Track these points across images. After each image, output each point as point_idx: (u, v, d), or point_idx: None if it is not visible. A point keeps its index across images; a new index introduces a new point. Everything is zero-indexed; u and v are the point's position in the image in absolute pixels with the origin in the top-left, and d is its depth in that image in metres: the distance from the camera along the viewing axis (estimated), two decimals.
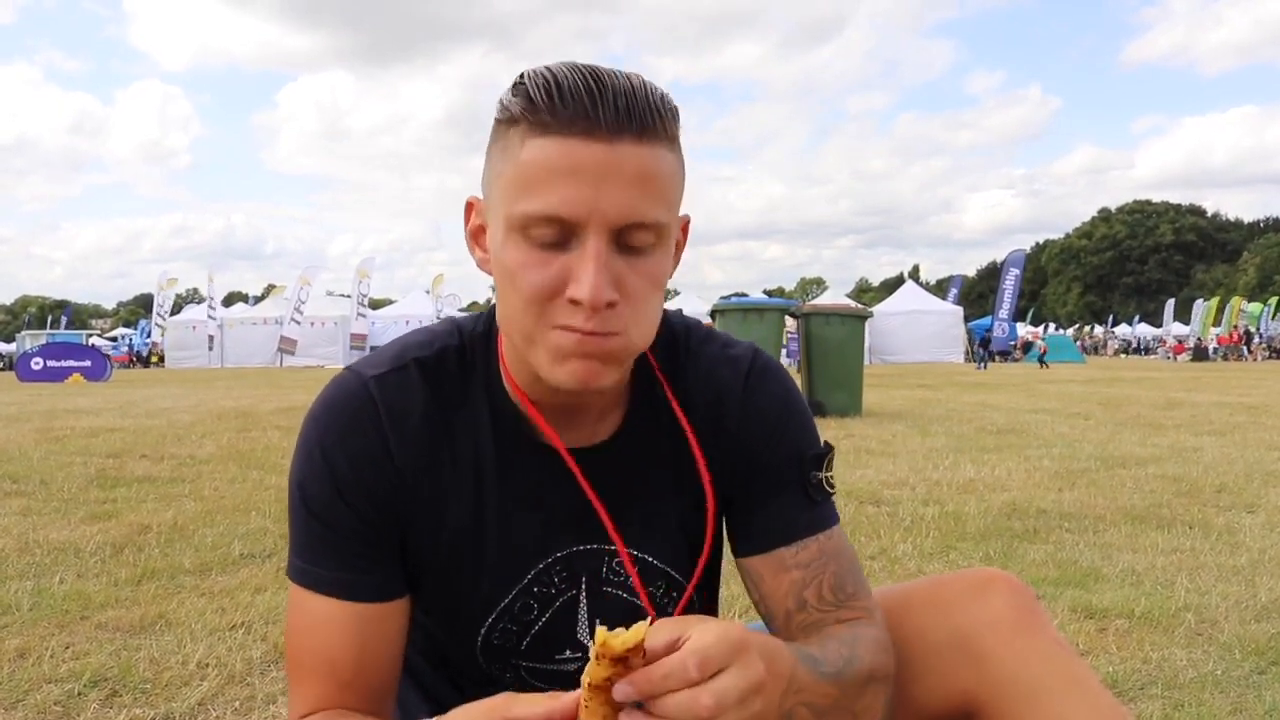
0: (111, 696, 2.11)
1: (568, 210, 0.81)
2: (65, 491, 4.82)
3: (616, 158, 0.81)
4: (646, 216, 0.82)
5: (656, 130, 0.83)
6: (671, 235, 0.88)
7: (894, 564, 3.29)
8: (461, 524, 0.98)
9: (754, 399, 1.03)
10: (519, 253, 0.83)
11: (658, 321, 0.91)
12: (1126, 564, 3.27)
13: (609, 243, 0.82)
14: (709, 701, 0.69)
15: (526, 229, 0.83)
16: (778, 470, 1.01)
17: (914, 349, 32.14)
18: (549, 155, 0.81)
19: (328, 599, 0.93)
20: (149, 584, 3.03)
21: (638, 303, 0.85)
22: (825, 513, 1.02)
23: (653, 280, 0.86)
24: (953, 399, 12.05)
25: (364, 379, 0.96)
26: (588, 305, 0.81)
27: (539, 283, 0.83)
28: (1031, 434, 7.59)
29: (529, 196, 0.82)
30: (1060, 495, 4.67)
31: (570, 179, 0.80)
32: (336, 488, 0.93)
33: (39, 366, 21.20)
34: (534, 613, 1.01)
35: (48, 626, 2.58)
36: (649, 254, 0.85)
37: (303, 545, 0.95)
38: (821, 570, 0.99)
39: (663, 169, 0.84)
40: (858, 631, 0.96)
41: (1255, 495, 4.67)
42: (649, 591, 1.04)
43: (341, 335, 33.78)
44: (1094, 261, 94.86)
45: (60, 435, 7.61)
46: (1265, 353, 39.85)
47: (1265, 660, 2.30)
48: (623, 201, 0.81)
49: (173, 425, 8.52)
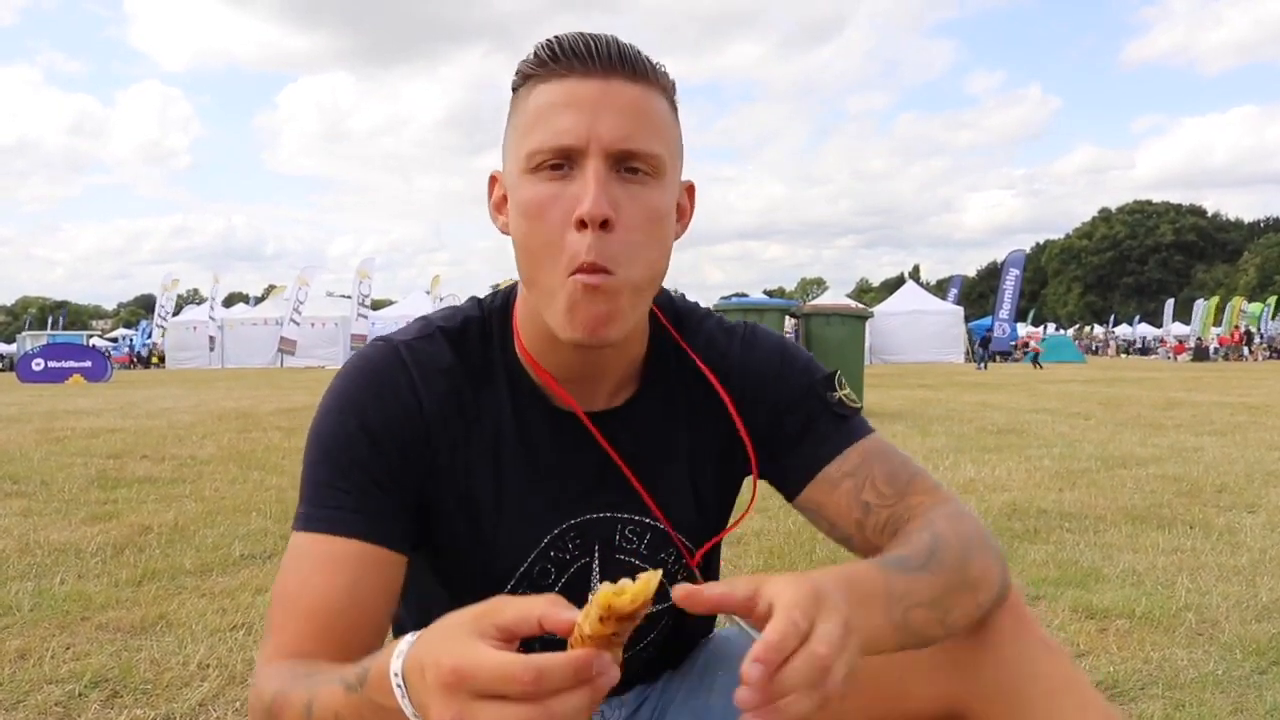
0: (112, 697, 2.11)
1: (568, 138, 0.87)
2: (66, 492, 4.82)
3: (610, 90, 0.89)
4: (639, 144, 0.88)
5: (648, 75, 0.91)
6: (669, 175, 0.93)
7: None
8: (482, 486, 1.00)
9: (753, 354, 1.09)
10: (532, 189, 0.90)
11: (661, 260, 0.94)
12: (1127, 564, 3.27)
13: (608, 167, 0.88)
14: (825, 651, 0.66)
15: (536, 164, 0.89)
16: (797, 404, 1.06)
17: (914, 349, 32.12)
18: (550, 95, 0.89)
19: (332, 538, 0.92)
20: (150, 585, 3.03)
21: (634, 232, 0.89)
22: (856, 425, 1.06)
23: (650, 212, 0.90)
24: (953, 399, 12.05)
25: (394, 344, 1.00)
26: (589, 219, 0.86)
27: (553, 213, 0.88)
28: (1032, 434, 7.59)
29: (535, 134, 0.89)
30: (1061, 495, 4.67)
31: (569, 110, 0.88)
32: (366, 434, 0.94)
33: (39, 367, 21.21)
34: (551, 578, 1.03)
35: (48, 627, 2.58)
36: (647, 185, 0.90)
37: (317, 493, 0.94)
38: (870, 470, 1.03)
39: (656, 108, 0.91)
40: (931, 515, 0.97)
41: (1256, 495, 4.67)
42: (660, 558, 1.07)
43: (342, 336, 33.77)
44: (1094, 261, 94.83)
45: (61, 436, 7.61)
46: (1266, 353, 39.86)
47: (1266, 660, 2.30)
48: (618, 127, 0.88)
49: (173, 426, 8.52)
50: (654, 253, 0.92)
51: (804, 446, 1.05)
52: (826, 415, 1.05)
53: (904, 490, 1.02)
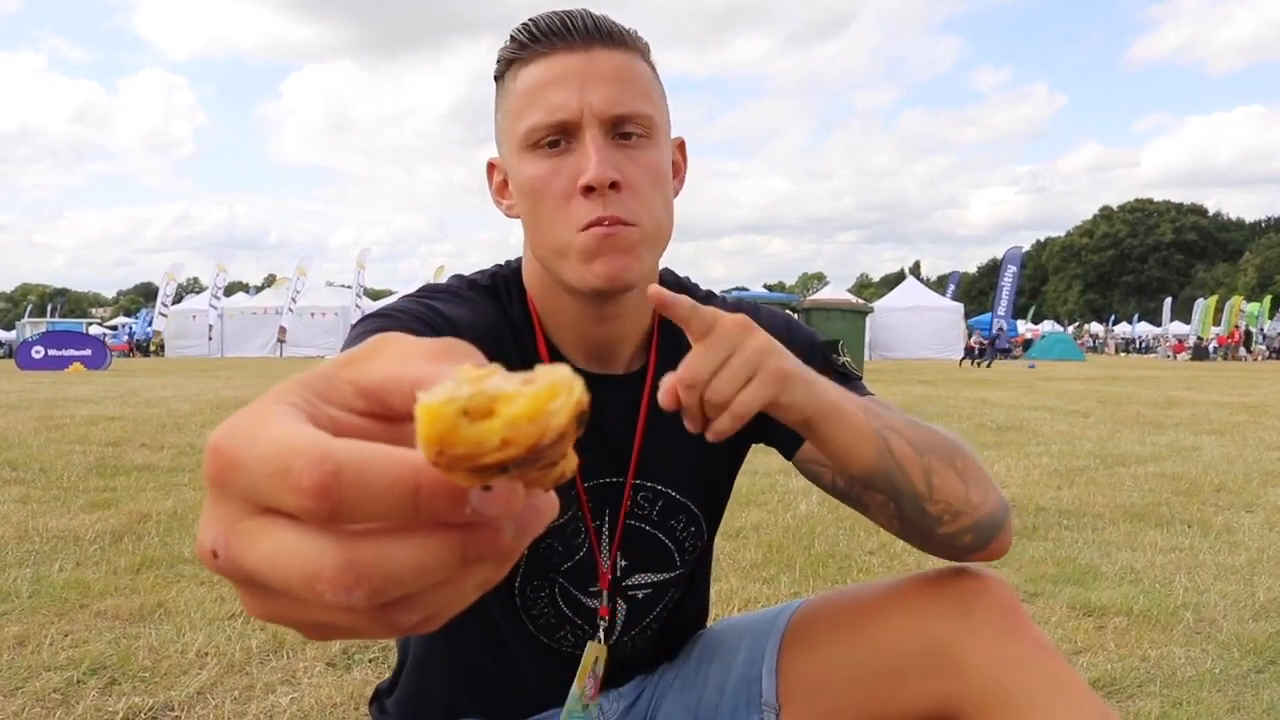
0: (110, 685, 2.11)
1: (562, 113, 0.90)
2: (65, 479, 4.82)
3: (593, 61, 0.91)
4: (631, 108, 0.91)
5: (626, 41, 0.94)
6: (661, 133, 0.96)
7: (893, 559, 3.29)
8: None
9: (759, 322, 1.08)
10: (533, 166, 0.92)
11: (667, 215, 0.97)
12: (1125, 562, 3.27)
13: (605, 133, 0.91)
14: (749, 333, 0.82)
15: (534, 144, 0.92)
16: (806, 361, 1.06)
17: (914, 345, 32.06)
18: (537, 75, 0.92)
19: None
20: (148, 572, 3.03)
21: (640, 190, 0.92)
22: (858, 386, 1.09)
23: (651, 171, 0.93)
24: (953, 395, 12.05)
25: (422, 301, 0.98)
26: (596, 184, 0.88)
27: (557, 186, 0.91)
28: (1031, 431, 7.59)
29: (528, 113, 0.91)
30: (1059, 493, 4.67)
31: (558, 86, 0.90)
32: (439, 314, 0.93)
33: (39, 355, 21.17)
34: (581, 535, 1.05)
35: (47, 614, 2.58)
36: (644, 146, 0.93)
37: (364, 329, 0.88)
38: None
39: (640, 71, 0.94)
40: None
41: (1254, 494, 4.68)
42: (670, 525, 1.08)
43: (342, 325, 33.75)
44: (1095, 260, 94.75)
45: (60, 423, 7.60)
46: (1265, 353, 39.86)
47: (1263, 659, 2.31)
48: (607, 94, 0.90)
49: (172, 414, 8.52)
50: (660, 207, 0.95)
51: None
52: (831, 374, 1.06)
53: None
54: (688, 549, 1.12)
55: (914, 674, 0.99)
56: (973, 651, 0.96)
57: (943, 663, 0.97)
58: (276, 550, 0.31)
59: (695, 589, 1.22)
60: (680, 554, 1.12)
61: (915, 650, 0.99)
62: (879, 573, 3.15)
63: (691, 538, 1.11)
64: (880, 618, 1.03)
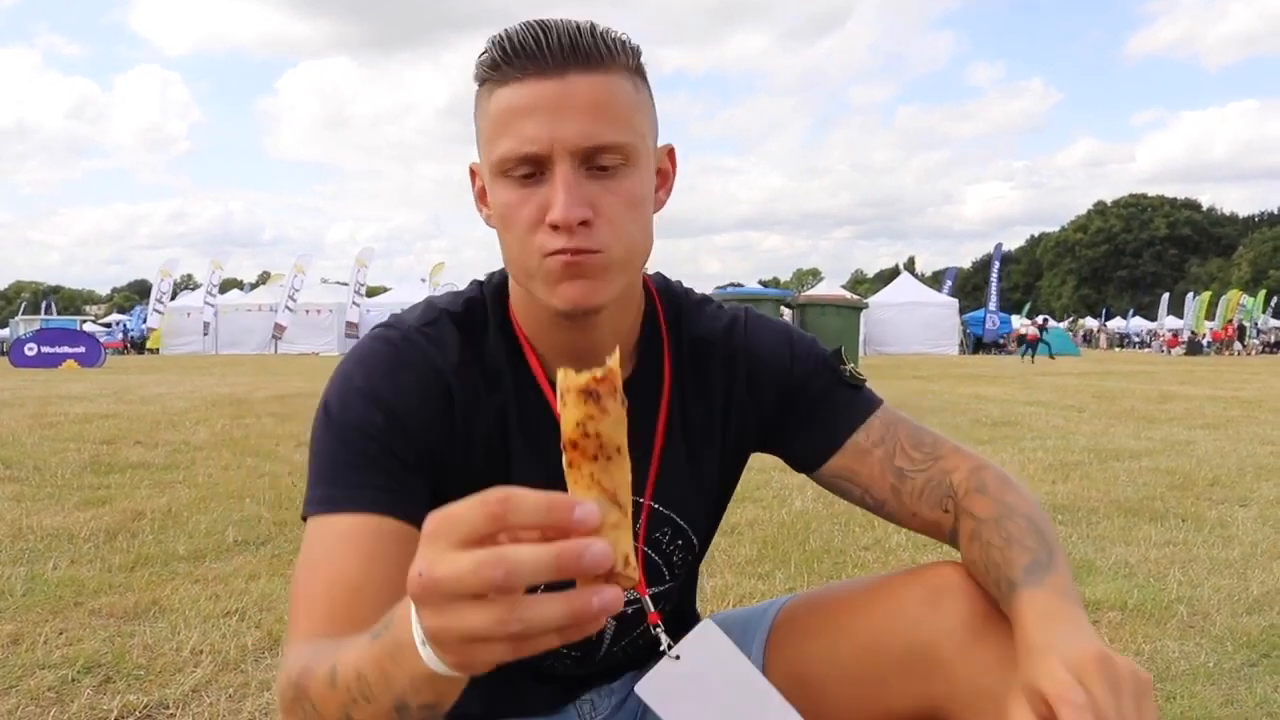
0: (105, 683, 2.10)
1: (532, 145, 0.87)
2: (59, 477, 4.81)
3: (568, 89, 0.88)
4: (605, 139, 0.88)
5: (604, 60, 0.89)
6: (642, 156, 0.93)
7: (888, 555, 3.30)
8: (487, 469, 1.00)
9: (758, 336, 1.11)
10: (505, 193, 0.91)
11: (644, 239, 0.95)
12: (1119, 556, 3.28)
13: (576, 167, 0.88)
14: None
15: (505, 171, 0.90)
16: (813, 379, 1.09)
17: (909, 341, 32.08)
18: (509, 100, 0.89)
19: (348, 515, 0.90)
20: (143, 570, 3.02)
21: (614, 219, 0.90)
22: (869, 395, 1.10)
23: (627, 199, 0.91)
24: (948, 391, 12.06)
25: (402, 330, 1.01)
26: (561, 225, 0.87)
27: (524, 216, 0.90)
28: (1026, 426, 7.61)
29: (500, 141, 0.89)
30: (1054, 487, 4.68)
31: (530, 116, 0.88)
32: (385, 413, 0.95)
33: (33, 352, 21.11)
34: None
35: (41, 612, 2.58)
36: (620, 175, 0.90)
37: (328, 473, 0.93)
38: (896, 435, 1.07)
39: (617, 94, 0.90)
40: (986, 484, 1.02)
41: (1248, 489, 4.69)
42: (654, 537, 1.07)
43: (337, 323, 33.69)
44: (1089, 255, 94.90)
45: (54, 421, 7.58)
46: (1259, 347, 39.94)
47: (1257, 653, 2.31)
48: (580, 127, 0.87)
49: (167, 411, 8.50)
50: (636, 232, 0.93)
51: (824, 417, 1.08)
52: (842, 386, 1.09)
53: (933, 453, 1.06)
54: (676, 563, 1.11)
55: (897, 672, 0.99)
56: (950, 655, 0.96)
57: (923, 662, 0.97)
58: (476, 617, 0.53)
59: (685, 594, 1.22)
60: (669, 568, 1.11)
61: (897, 649, 0.99)
62: (873, 568, 3.16)
63: (679, 551, 1.10)
64: (863, 616, 1.03)
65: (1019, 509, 0.99)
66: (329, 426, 0.96)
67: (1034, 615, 0.86)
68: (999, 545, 0.96)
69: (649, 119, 0.95)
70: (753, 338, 1.10)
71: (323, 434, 0.96)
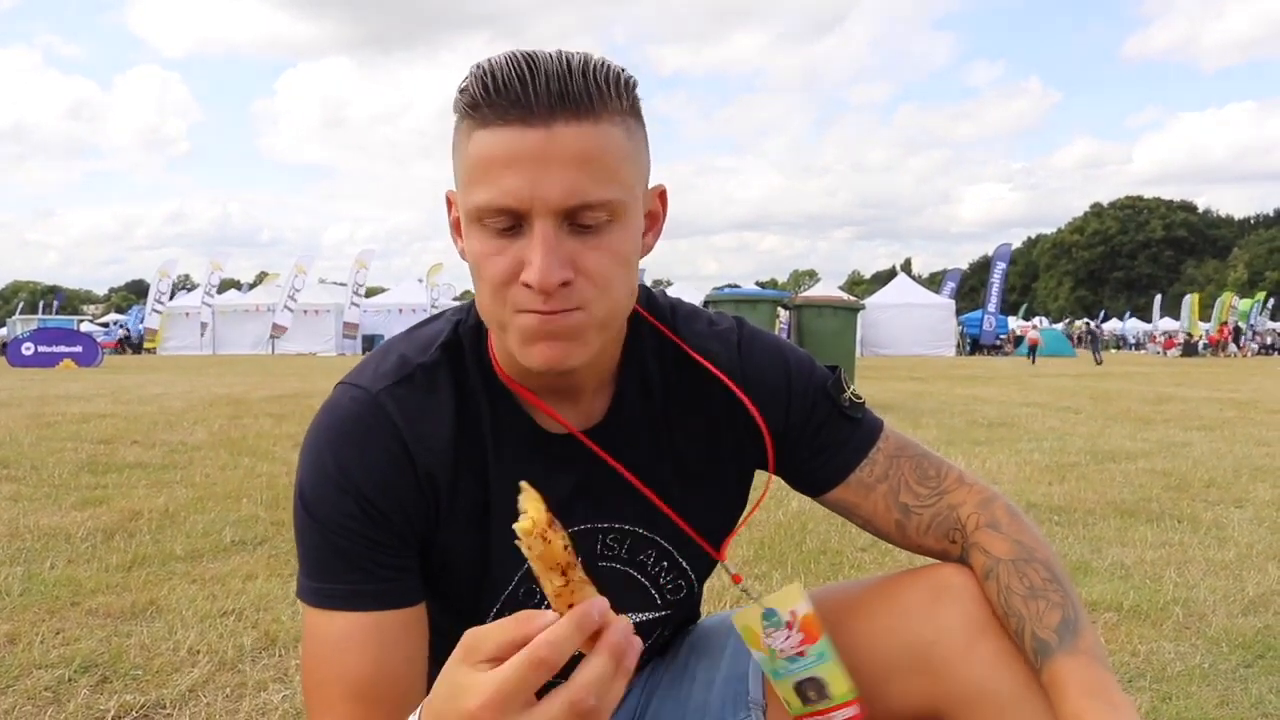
0: (102, 683, 2.10)
1: (511, 200, 0.81)
2: (56, 477, 4.80)
3: (553, 141, 0.80)
4: (591, 196, 0.82)
5: (595, 107, 0.82)
6: (629, 210, 0.86)
7: (884, 555, 3.30)
8: (472, 517, 0.98)
9: (754, 359, 1.05)
10: (479, 242, 0.85)
11: (627, 296, 0.90)
12: (1115, 557, 3.28)
13: (558, 225, 0.82)
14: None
15: (481, 220, 0.84)
16: (811, 410, 1.05)
17: (905, 342, 32.13)
18: (490, 147, 0.82)
19: (346, 614, 0.90)
20: (140, 570, 3.02)
21: (596, 278, 0.84)
22: (870, 423, 1.07)
23: (613, 256, 0.85)
24: (944, 392, 12.07)
25: (372, 394, 0.95)
26: (538, 288, 0.82)
27: (498, 270, 0.84)
28: (1022, 427, 7.61)
29: (478, 189, 0.83)
30: (1050, 489, 4.68)
31: (510, 168, 0.81)
32: (358, 501, 0.92)
33: (30, 352, 21.06)
34: (536, 598, 1.01)
35: (38, 612, 2.58)
36: (605, 232, 0.84)
37: (316, 564, 0.93)
38: (900, 470, 1.04)
39: (607, 146, 0.83)
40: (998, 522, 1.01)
41: (1243, 490, 4.70)
42: (639, 560, 1.06)
43: (335, 324, 33.67)
44: (1085, 256, 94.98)
45: (51, 421, 7.57)
46: (1255, 349, 39.98)
47: (1252, 654, 2.32)
48: (564, 184, 0.81)
49: (164, 411, 8.49)
50: (619, 290, 0.87)
51: (826, 451, 1.05)
52: (841, 418, 1.05)
53: (939, 488, 1.04)
54: (666, 587, 1.08)
55: (896, 674, 0.99)
56: (948, 656, 0.96)
57: (921, 667, 0.97)
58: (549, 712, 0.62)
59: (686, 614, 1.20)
60: (660, 593, 1.08)
61: (895, 650, 0.99)
62: (871, 569, 3.16)
63: (667, 573, 1.07)
64: (865, 616, 1.03)
65: (1037, 553, 0.98)
66: (308, 518, 0.93)
67: (1077, 691, 0.87)
68: (1021, 594, 0.95)
69: (640, 167, 0.89)
70: (747, 364, 1.04)
71: (304, 523, 0.94)
